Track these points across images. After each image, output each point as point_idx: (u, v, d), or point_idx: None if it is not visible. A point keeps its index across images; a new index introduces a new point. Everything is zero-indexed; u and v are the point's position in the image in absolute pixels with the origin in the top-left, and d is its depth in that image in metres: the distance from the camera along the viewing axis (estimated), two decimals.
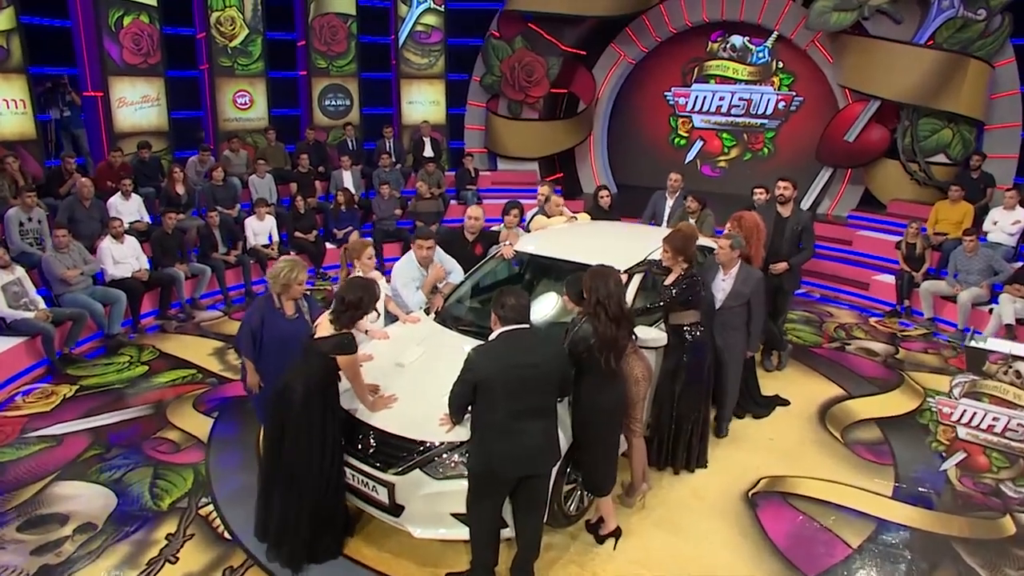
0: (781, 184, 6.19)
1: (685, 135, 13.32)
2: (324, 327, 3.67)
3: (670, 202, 7.21)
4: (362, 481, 3.72)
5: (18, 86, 8.74)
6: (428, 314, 4.87)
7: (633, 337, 3.81)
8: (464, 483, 3.41)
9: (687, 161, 13.17)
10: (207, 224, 8.35)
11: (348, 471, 3.77)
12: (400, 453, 3.62)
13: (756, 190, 6.94)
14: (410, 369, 4.11)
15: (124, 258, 7.31)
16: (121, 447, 4.96)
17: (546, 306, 4.86)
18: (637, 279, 4.68)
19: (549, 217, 6.33)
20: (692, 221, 6.43)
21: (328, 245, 9.55)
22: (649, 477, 4.42)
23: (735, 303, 4.87)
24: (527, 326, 3.35)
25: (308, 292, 4.42)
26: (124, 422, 5.35)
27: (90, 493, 4.39)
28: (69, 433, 5.17)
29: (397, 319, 4.83)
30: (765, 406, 5.66)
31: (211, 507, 4.27)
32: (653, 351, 4.42)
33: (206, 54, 10.83)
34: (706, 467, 4.75)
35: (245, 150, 10.52)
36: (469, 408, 3.36)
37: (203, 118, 11.22)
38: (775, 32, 11.48)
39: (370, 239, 4.95)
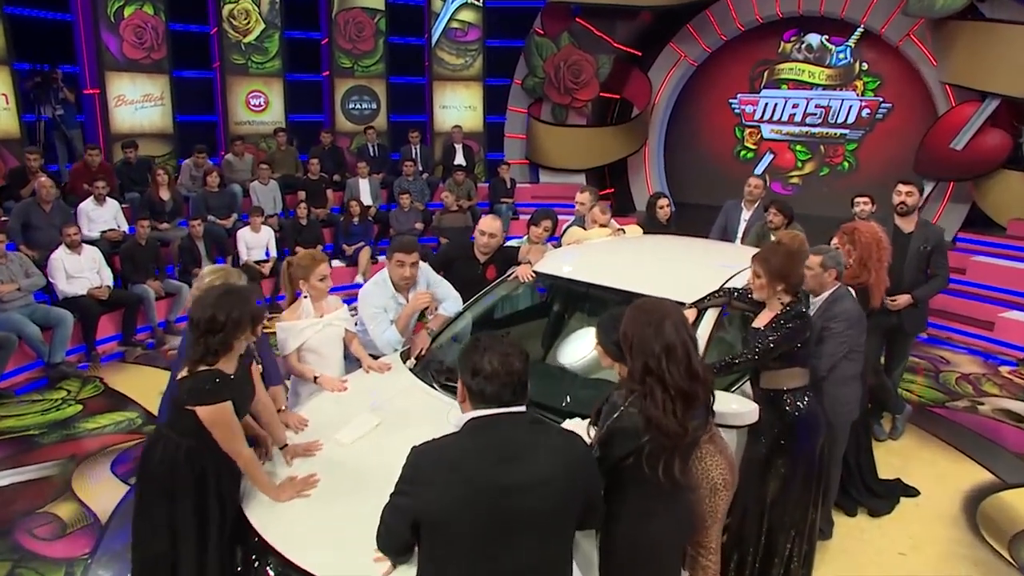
0: (903, 189, 4.55)
1: (753, 147, 11.72)
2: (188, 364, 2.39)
3: (747, 214, 5.59)
4: None
5: (0, 79, 7.88)
6: (405, 360, 3.43)
7: (710, 415, 2.30)
8: None
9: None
10: (190, 235, 7.18)
11: None
12: None
13: (859, 199, 5.30)
14: (351, 453, 2.66)
15: (80, 272, 6.13)
16: None
17: (578, 355, 3.39)
18: (710, 317, 3.14)
19: (587, 229, 4.87)
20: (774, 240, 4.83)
21: (336, 263, 8.27)
22: None
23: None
24: (521, 409, 1.84)
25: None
26: (12, 486, 4.05)
27: None
28: None
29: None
30: (885, 496, 4.02)
31: None
32: (734, 431, 2.88)
33: (218, 51, 9.84)
34: None
35: (251, 154, 9.39)
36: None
37: (216, 122, 10.21)
38: (860, 26, 9.86)
39: (324, 253, 3.53)
